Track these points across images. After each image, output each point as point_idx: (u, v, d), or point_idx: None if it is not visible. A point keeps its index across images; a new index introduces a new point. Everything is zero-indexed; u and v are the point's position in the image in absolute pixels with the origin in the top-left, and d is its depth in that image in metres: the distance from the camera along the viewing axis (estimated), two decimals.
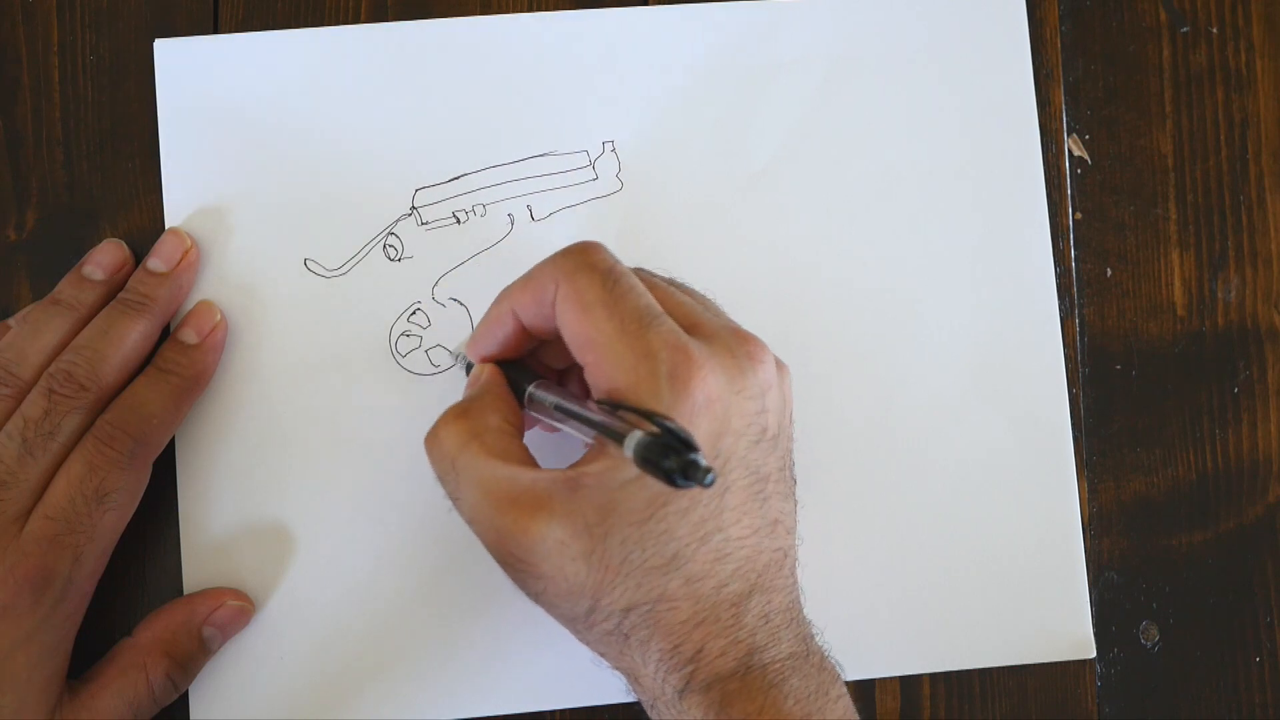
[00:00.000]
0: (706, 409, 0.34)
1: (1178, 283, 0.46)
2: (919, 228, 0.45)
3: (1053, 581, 0.44)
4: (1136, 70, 0.47)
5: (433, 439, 0.37)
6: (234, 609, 0.41)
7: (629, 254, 0.43)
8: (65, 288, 0.42)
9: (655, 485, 0.34)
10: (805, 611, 0.38)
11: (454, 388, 0.43)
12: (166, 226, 0.43)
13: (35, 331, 0.40)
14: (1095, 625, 0.44)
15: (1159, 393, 0.46)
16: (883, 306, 0.44)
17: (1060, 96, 0.46)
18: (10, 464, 0.38)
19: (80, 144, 0.44)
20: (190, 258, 0.43)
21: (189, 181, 0.44)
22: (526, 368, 0.39)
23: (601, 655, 0.37)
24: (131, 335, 0.41)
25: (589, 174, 0.44)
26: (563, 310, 0.36)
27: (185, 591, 0.42)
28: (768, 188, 0.45)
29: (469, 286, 0.44)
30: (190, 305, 0.43)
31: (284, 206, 0.44)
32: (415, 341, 0.43)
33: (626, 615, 0.35)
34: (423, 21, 0.45)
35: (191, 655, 0.41)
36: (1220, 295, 0.46)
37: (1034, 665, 0.44)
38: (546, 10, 0.45)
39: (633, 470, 0.33)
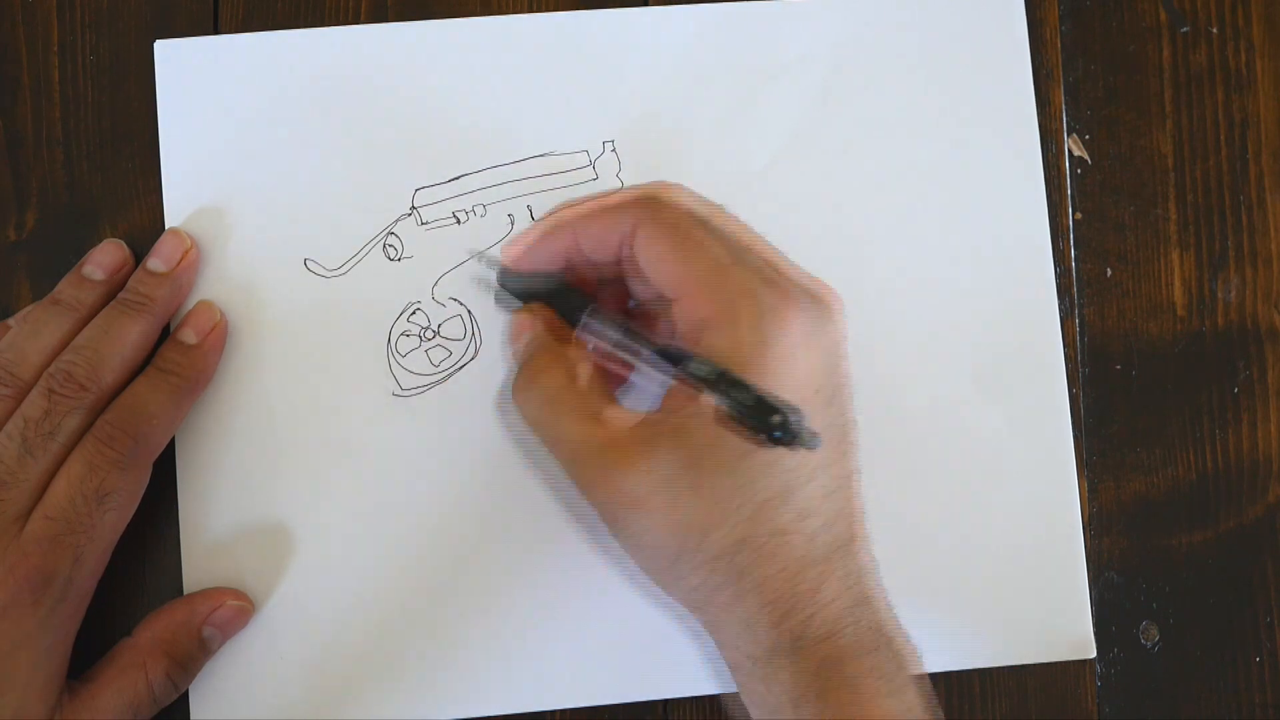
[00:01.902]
0: (788, 360, 0.35)
1: (1178, 283, 0.46)
2: (919, 228, 0.45)
3: (1053, 581, 0.44)
4: (1136, 70, 0.47)
5: (520, 395, 0.37)
6: (234, 609, 0.41)
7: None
8: (65, 288, 0.42)
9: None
10: None
11: (454, 391, 0.43)
12: (166, 226, 0.43)
13: (35, 331, 0.40)
14: (1095, 625, 0.44)
15: (1159, 393, 0.46)
16: (882, 307, 0.44)
17: (1060, 96, 0.46)
18: (10, 464, 0.38)
19: (80, 144, 0.44)
20: (190, 258, 0.43)
21: (189, 181, 0.44)
22: (575, 294, 0.38)
23: (697, 609, 0.37)
24: (131, 335, 0.41)
25: (589, 174, 0.44)
26: (648, 249, 0.36)
27: (185, 591, 0.42)
28: (768, 188, 0.45)
29: (469, 286, 0.44)
30: (190, 305, 0.43)
31: (284, 206, 0.44)
32: (415, 341, 0.43)
33: (740, 549, 0.35)
34: (423, 21, 0.45)
35: (191, 655, 0.41)
36: (1220, 295, 0.46)
37: (1034, 665, 0.44)
38: (546, 10, 0.45)
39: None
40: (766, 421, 0.30)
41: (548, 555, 0.43)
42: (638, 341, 0.36)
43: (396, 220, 0.44)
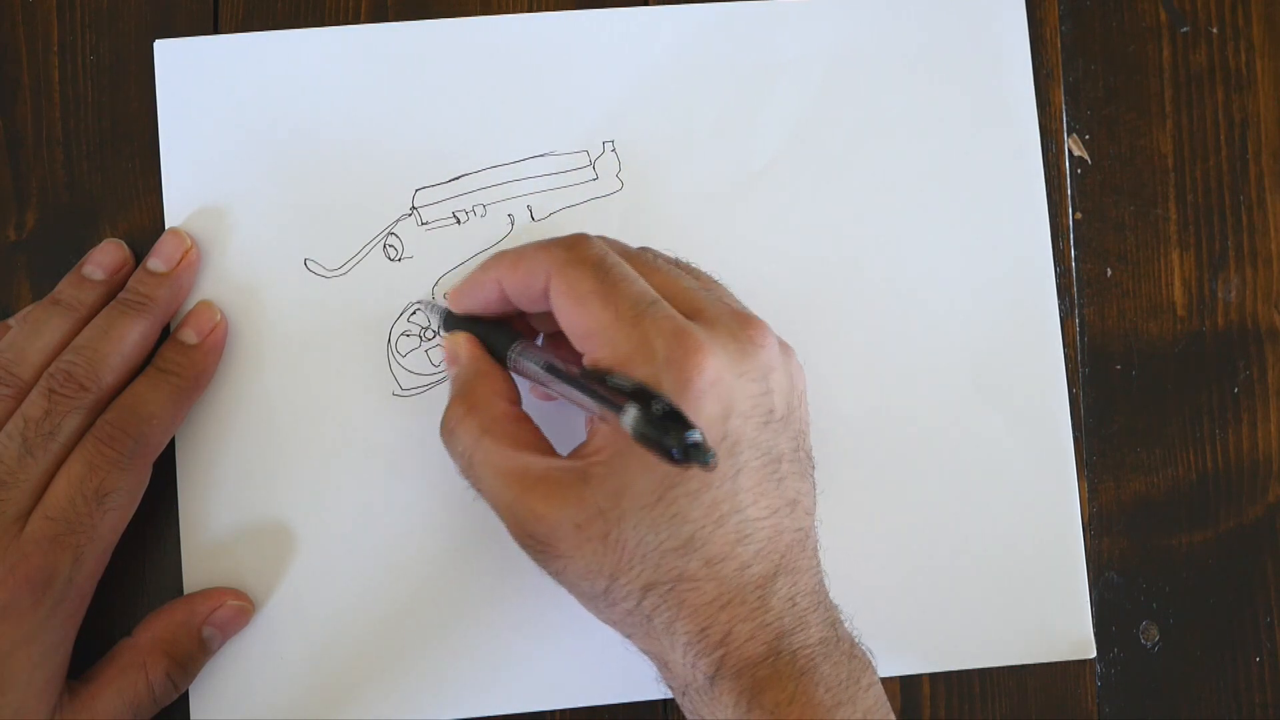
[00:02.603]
0: (710, 392, 0.35)
1: (1178, 283, 0.46)
2: (919, 228, 0.45)
3: (1053, 581, 0.44)
4: (1136, 70, 0.47)
5: (447, 435, 0.38)
6: (234, 609, 0.41)
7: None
8: (65, 288, 0.42)
9: (664, 468, 0.34)
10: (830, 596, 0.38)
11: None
12: (166, 226, 0.43)
13: (35, 331, 0.40)
14: (1095, 625, 0.44)
15: (1159, 393, 0.46)
16: (882, 307, 0.44)
17: (1060, 96, 0.46)
18: (10, 464, 0.38)
19: (80, 144, 0.44)
20: (190, 258, 0.43)
21: (189, 181, 0.44)
22: (507, 329, 0.40)
23: (628, 636, 0.37)
24: (131, 335, 0.41)
25: (589, 174, 0.44)
26: (559, 303, 0.37)
27: (185, 591, 0.42)
28: (768, 188, 0.45)
29: None
30: (190, 305, 0.43)
31: (284, 206, 0.44)
32: (415, 341, 0.43)
33: (646, 595, 0.35)
34: (423, 21, 0.45)
35: (191, 655, 0.41)
36: (1220, 295, 0.46)
37: (1034, 665, 0.44)
38: (546, 10, 0.45)
39: (640, 450, 0.33)
40: (681, 435, 0.30)
41: None
42: (561, 371, 0.36)
43: (396, 220, 0.44)
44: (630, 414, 0.31)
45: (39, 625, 0.38)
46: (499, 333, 0.39)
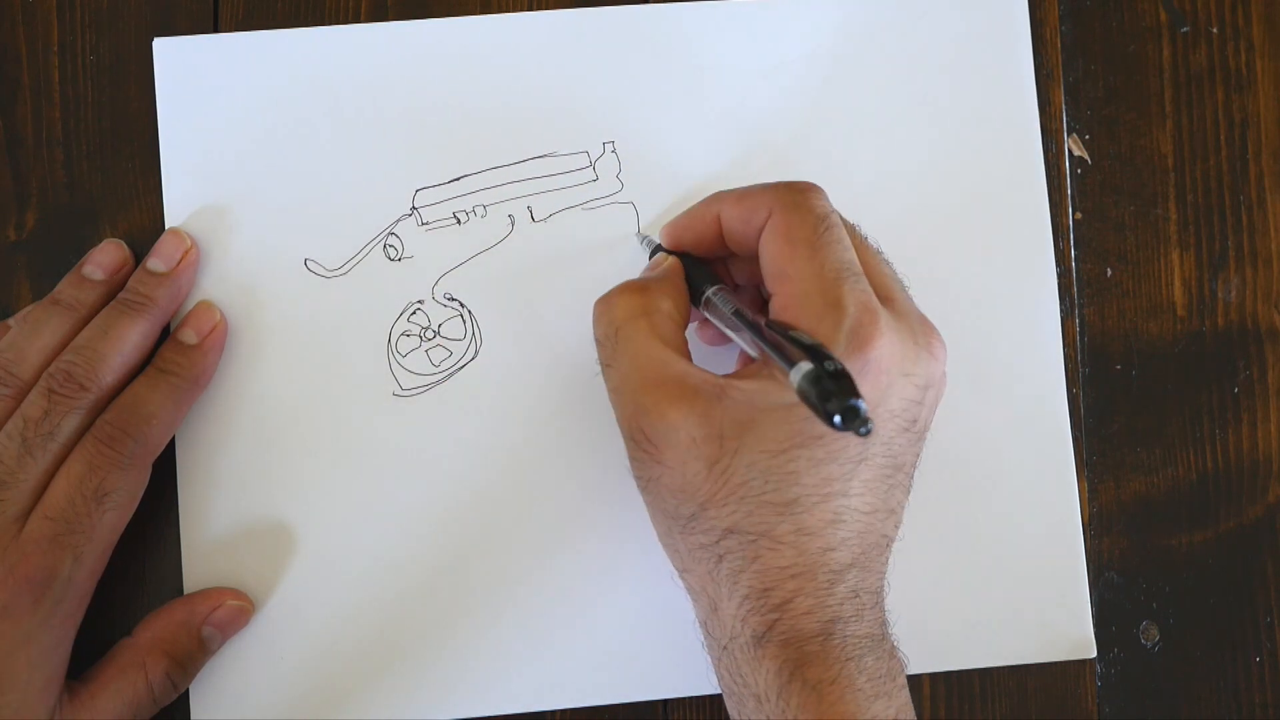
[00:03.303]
0: (874, 376, 0.35)
1: (1178, 283, 0.46)
2: (919, 227, 0.45)
3: (1053, 581, 0.44)
4: (1136, 70, 0.47)
5: (605, 304, 0.38)
6: (234, 609, 0.41)
7: (629, 257, 0.43)
8: (65, 288, 0.42)
9: (798, 422, 0.34)
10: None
11: (454, 391, 0.43)
12: (166, 226, 0.43)
13: (35, 331, 0.40)
14: (1095, 625, 0.44)
15: (1159, 393, 0.46)
16: None
17: (1060, 96, 0.46)
18: (10, 464, 0.38)
19: (80, 144, 0.44)
20: (190, 258, 0.43)
21: (189, 181, 0.44)
22: (709, 271, 0.40)
23: (683, 570, 0.37)
24: (131, 335, 0.41)
25: (589, 174, 0.44)
26: (769, 239, 0.37)
27: (185, 591, 0.42)
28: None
29: (469, 287, 0.44)
30: (190, 305, 0.43)
31: (284, 206, 0.44)
32: (415, 341, 0.43)
33: (727, 535, 0.35)
34: (423, 21, 0.45)
35: (191, 655, 0.41)
36: (1220, 295, 0.46)
37: (1034, 665, 0.44)
38: (546, 10, 0.45)
39: (786, 398, 0.33)
40: (845, 397, 0.30)
41: (548, 555, 0.43)
42: (748, 318, 0.36)
43: (396, 220, 0.44)
44: (803, 367, 0.31)
45: (38, 625, 0.38)
46: (701, 271, 0.40)
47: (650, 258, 0.42)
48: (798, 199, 0.37)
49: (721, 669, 0.37)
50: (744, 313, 0.37)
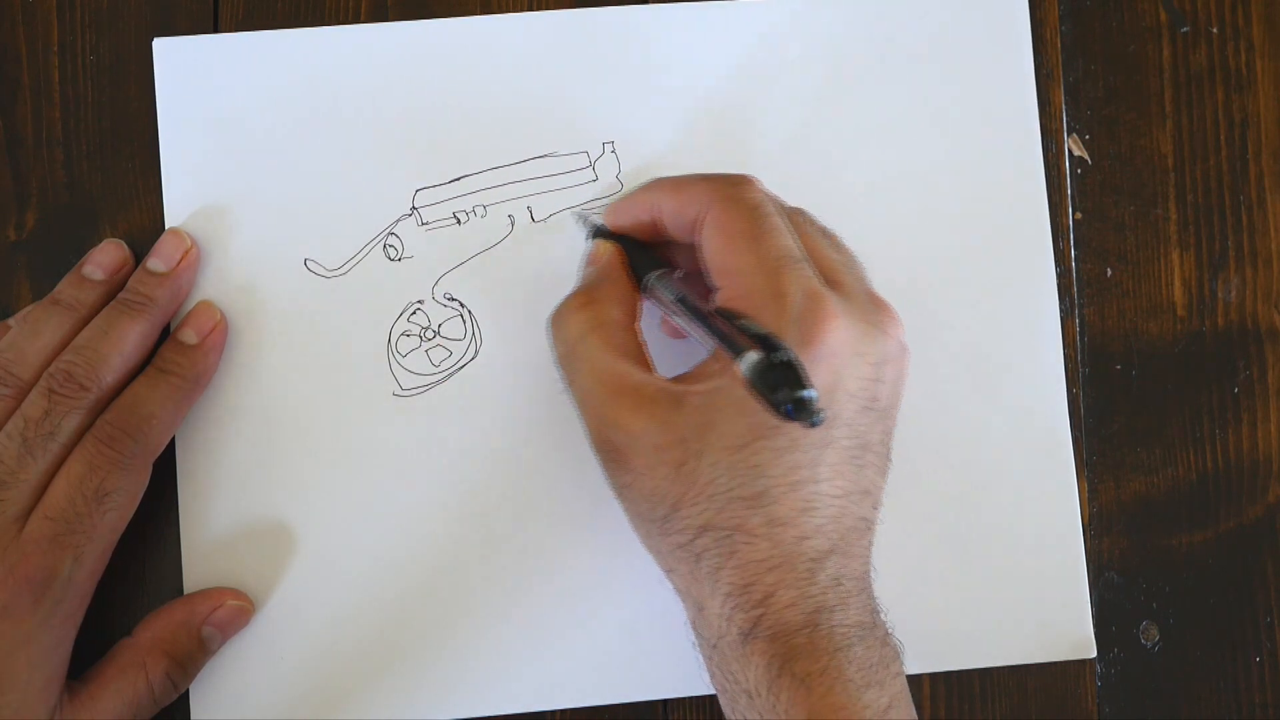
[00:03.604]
0: (827, 360, 0.35)
1: (1178, 283, 0.46)
2: (919, 227, 0.45)
3: (1053, 581, 0.44)
4: (1136, 70, 0.47)
5: (558, 323, 0.38)
6: (234, 609, 0.41)
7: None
8: (65, 288, 0.42)
9: (756, 414, 0.34)
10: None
11: (454, 391, 0.43)
12: (166, 226, 0.43)
13: (35, 331, 0.40)
14: (1095, 625, 0.44)
15: (1159, 393, 0.46)
16: None
17: (1060, 96, 0.46)
18: (10, 464, 0.38)
19: (80, 144, 0.44)
20: (190, 258, 0.43)
21: (189, 181, 0.44)
22: (652, 255, 0.40)
23: (669, 572, 0.38)
24: (131, 335, 0.41)
25: (589, 175, 0.44)
26: (708, 235, 0.37)
27: (185, 591, 0.42)
28: (768, 188, 0.45)
29: (469, 287, 0.44)
30: (190, 305, 0.43)
31: (284, 206, 0.44)
32: (415, 341, 0.43)
33: (701, 534, 0.35)
34: (423, 21, 0.45)
35: (191, 655, 0.41)
36: (1220, 295, 0.46)
37: (1034, 665, 0.44)
38: (546, 10, 0.45)
39: (740, 392, 0.33)
40: (795, 389, 0.30)
41: (547, 555, 0.43)
42: (692, 305, 0.36)
43: (396, 220, 0.44)
44: (750, 358, 0.31)
45: (39, 625, 0.38)
46: (644, 256, 0.40)
47: (587, 238, 0.42)
48: (732, 192, 0.37)
49: (713, 668, 0.37)
50: (688, 300, 0.37)
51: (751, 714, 0.35)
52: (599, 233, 0.42)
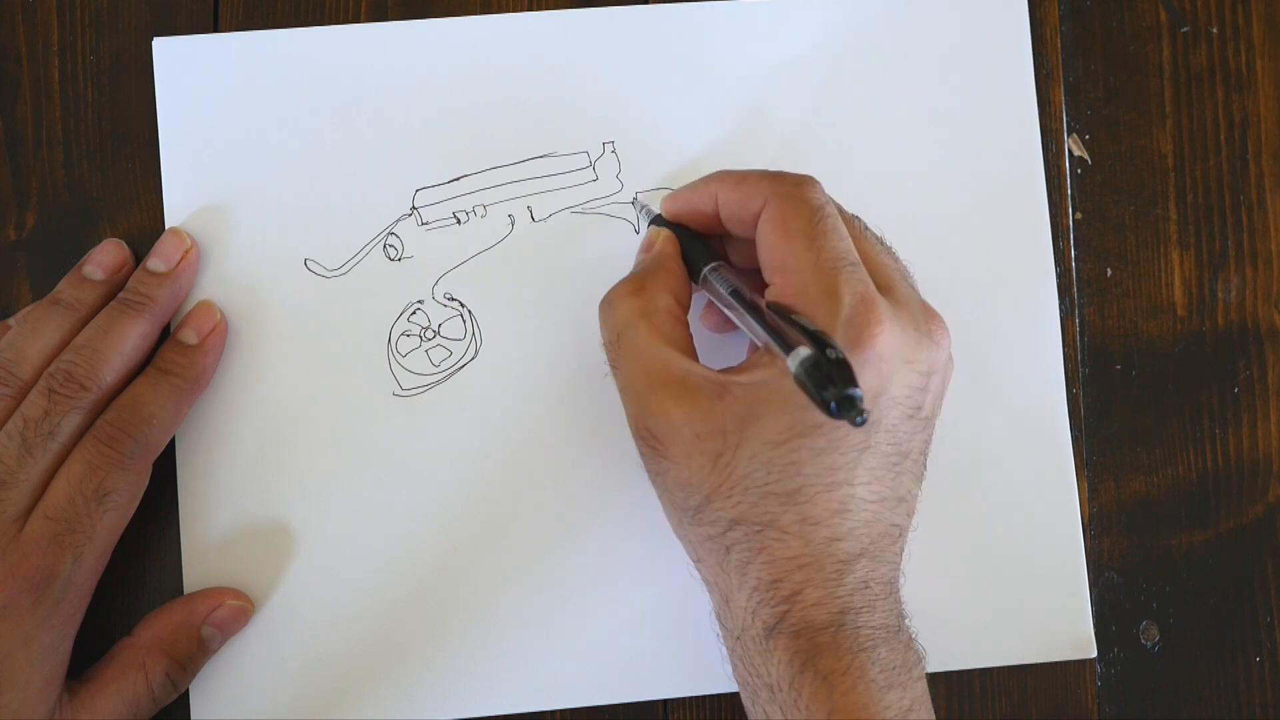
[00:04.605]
0: (874, 365, 0.35)
1: (1178, 283, 0.46)
2: (919, 227, 0.45)
3: (1053, 581, 0.44)
4: (1136, 70, 0.47)
5: (607, 308, 0.39)
6: (234, 609, 0.41)
7: (630, 254, 0.43)
8: (65, 288, 0.42)
9: (798, 411, 0.35)
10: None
11: (454, 391, 0.43)
12: (166, 226, 0.43)
13: (35, 331, 0.40)
14: (1095, 625, 0.44)
15: (1159, 393, 0.46)
16: None
17: (1060, 96, 0.46)
18: (10, 464, 0.38)
19: (80, 144, 0.44)
20: (190, 258, 0.43)
21: (189, 181, 0.44)
22: (707, 247, 0.40)
23: (698, 562, 0.38)
24: (131, 335, 0.41)
25: (589, 175, 0.44)
26: (765, 229, 0.37)
27: (185, 591, 0.42)
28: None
29: (469, 287, 0.44)
30: (190, 305, 0.43)
31: (284, 206, 0.44)
32: (415, 341, 0.43)
33: (733, 527, 0.36)
34: (423, 21, 0.45)
35: (191, 655, 0.41)
36: (1220, 295, 0.46)
37: (1034, 665, 0.44)
38: (546, 10, 0.45)
39: (786, 386, 0.33)
40: (843, 387, 0.30)
41: (548, 555, 0.43)
42: (746, 299, 0.37)
43: (396, 220, 0.44)
44: (801, 353, 0.31)
45: (38, 625, 0.38)
46: (699, 246, 0.40)
47: (645, 225, 0.42)
48: (794, 190, 0.38)
49: (735, 660, 0.37)
50: (742, 293, 0.37)
51: (772, 708, 0.36)
52: (656, 220, 0.42)
